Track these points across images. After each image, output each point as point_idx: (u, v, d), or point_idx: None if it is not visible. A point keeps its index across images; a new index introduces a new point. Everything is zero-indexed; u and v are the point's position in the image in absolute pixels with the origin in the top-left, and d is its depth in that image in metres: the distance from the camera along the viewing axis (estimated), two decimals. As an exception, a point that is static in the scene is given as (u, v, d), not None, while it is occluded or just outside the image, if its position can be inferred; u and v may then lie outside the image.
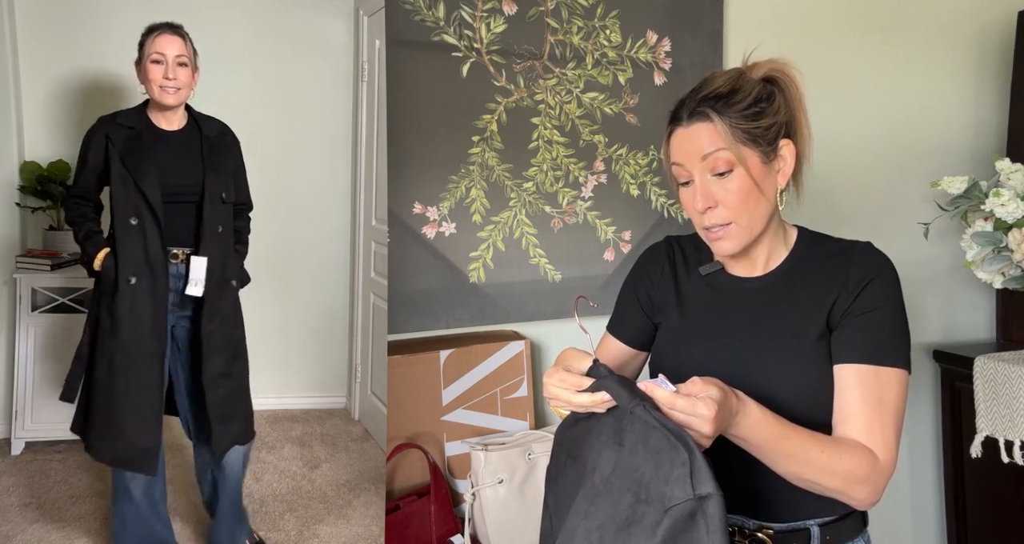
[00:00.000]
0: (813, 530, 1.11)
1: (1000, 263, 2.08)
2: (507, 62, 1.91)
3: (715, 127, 1.07)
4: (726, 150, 1.07)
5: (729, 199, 1.08)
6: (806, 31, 2.16)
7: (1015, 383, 1.90)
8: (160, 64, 1.98)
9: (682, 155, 1.10)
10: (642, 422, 0.89)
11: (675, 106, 1.13)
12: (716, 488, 0.82)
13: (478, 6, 1.88)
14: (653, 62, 2.05)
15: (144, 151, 2.05)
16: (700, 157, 1.08)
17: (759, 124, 1.09)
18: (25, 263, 3.17)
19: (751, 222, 1.10)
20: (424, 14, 1.83)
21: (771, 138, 1.10)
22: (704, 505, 0.83)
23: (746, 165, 1.08)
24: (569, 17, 1.96)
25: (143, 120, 2.10)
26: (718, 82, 1.10)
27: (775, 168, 1.12)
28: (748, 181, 1.08)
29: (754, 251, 1.16)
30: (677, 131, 1.11)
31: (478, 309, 1.94)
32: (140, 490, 2.16)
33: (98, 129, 2.09)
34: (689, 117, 1.10)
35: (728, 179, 1.08)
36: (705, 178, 1.09)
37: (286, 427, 3.49)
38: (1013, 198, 2.00)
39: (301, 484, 2.97)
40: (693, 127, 1.09)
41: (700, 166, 1.09)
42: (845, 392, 1.06)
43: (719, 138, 1.07)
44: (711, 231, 1.11)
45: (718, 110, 1.08)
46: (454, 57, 1.87)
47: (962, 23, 2.34)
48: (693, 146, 1.09)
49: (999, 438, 1.94)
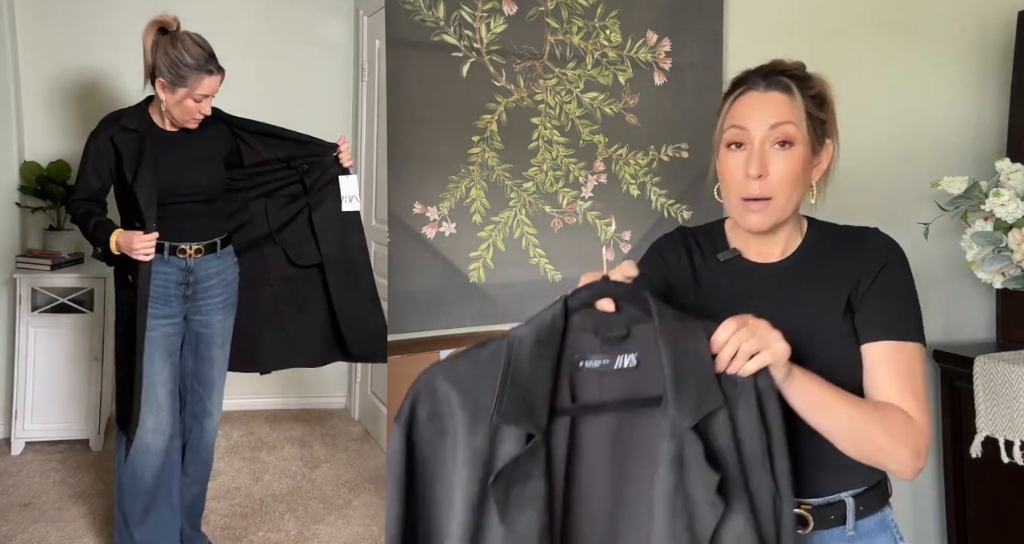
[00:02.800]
0: (848, 502, 1.13)
1: (1000, 263, 2.08)
2: (507, 62, 1.91)
3: (793, 100, 1.11)
4: (795, 125, 1.10)
5: (779, 172, 1.11)
6: (806, 31, 2.16)
7: (1015, 383, 1.90)
8: (200, 102, 2.05)
9: (749, 118, 1.12)
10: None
11: (743, 75, 1.15)
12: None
13: (478, 6, 1.88)
14: (653, 62, 2.05)
15: (146, 154, 2.06)
16: (770, 124, 1.10)
17: (820, 115, 1.14)
18: (25, 263, 3.17)
19: (787, 203, 1.13)
20: (424, 14, 1.83)
21: (822, 133, 1.15)
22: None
23: (804, 145, 1.11)
24: (569, 17, 1.96)
25: (146, 121, 2.11)
26: (794, 65, 1.15)
27: (816, 161, 1.16)
28: (801, 162, 1.11)
29: (776, 235, 1.18)
30: (749, 94, 1.13)
31: (478, 309, 1.94)
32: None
33: (100, 132, 2.10)
34: (768, 85, 1.12)
35: (787, 153, 1.11)
36: (765, 146, 1.11)
37: (286, 427, 3.50)
38: (1013, 198, 2.00)
39: (301, 484, 2.98)
40: (771, 94, 1.12)
41: (765, 133, 1.11)
42: (876, 367, 1.10)
43: (794, 111, 1.11)
44: (750, 202, 1.13)
45: (796, 85, 1.12)
46: (454, 57, 1.87)
47: (962, 23, 2.34)
48: (766, 111, 1.11)
49: (999, 438, 1.95)
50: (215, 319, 2.24)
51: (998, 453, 1.95)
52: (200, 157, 2.14)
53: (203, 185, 2.14)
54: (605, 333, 0.96)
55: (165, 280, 2.14)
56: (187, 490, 2.32)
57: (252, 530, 2.57)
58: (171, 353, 2.19)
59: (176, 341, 2.21)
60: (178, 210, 2.11)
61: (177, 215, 2.11)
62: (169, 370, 2.18)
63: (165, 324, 2.15)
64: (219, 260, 2.23)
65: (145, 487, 2.15)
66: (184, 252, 2.15)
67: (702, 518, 0.91)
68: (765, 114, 1.11)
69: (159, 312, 2.13)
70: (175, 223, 2.11)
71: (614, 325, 0.97)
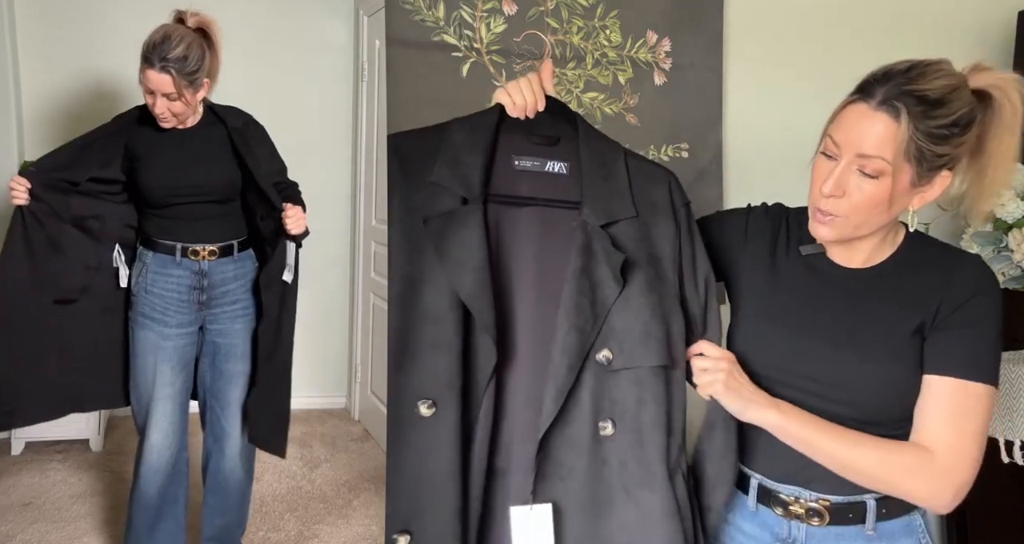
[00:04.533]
0: (869, 503, 1.11)
1: (1000, 263, 2.08)
2: (507, 62, 1.91)
3: (897, 130, 0.99)
4: (887, 161, 1.00)
5: (856, 198, 1.03)
6: (806, 31, 2.16)
7: (1015, 383, 1.90)
8: (152, 95, 1.94)
9: (845, 135, 1.03)
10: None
11: (870, 77, 1.03)
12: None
13: (478, 6, 1.88)
14: (653, 62, 2.05)
15: (148, 148, 2.02)
16: (858, 152, 1.02)
17: (937, 149, 1.01)
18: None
19: (861, 225, 1.07)
20: (424, 14, 1.83)
21: (936, 166, 1.03)
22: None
23: (895, 180, 1.02)
24: (569, 17, 1.96)
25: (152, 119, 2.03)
26: (934, 84, 1.00)
27: (919, 190, 1.06)
28: (886, 194, 1.02)
29: (856, 245, 1.13)
30: (858, 106, 1.02)
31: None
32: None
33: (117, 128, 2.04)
34: (880, 102, 1.00)
35: (869, 182, 1.02)
36: (849, 169, 1.03)
37: (286, 427, 3.50)
38: (1013, 198, 2.01)
39: (301, 484, 2.98)
40: (877, 115, 1.00)
41: (851, 157, 1.03)
42: (929, 402, 1.06)
43: (891, 144, 1.00)
44: (820, 213, 1.08)
45: (913, 115, 0.99)
46: (454, 57, 1.87)
47: (962, 23, 2.34)
48: (860, 135, 1.01)
49: (999, 438, 1.95)
50: (233, 328, 2.13)
51: (998, 453, 1.95)
52: (203, 156, 2.05)
53: (207, 184, 2.05)
54: (535, 135, 1.14)
55: (178, 284, 2.05)
56: (209, 521, 2.20)
57: (252, 530, 2.56)
58: (184, 365, 2.09)
59: (190, 352, 2.11)
60: (188, 210, 2.04)
61: (188, 215, 2.04)
62: (181, 383, 2.09)
63: (178, 333, 2.07)
64: (236, 263, 2.13)
65: (150, 501, 2.09)
66: (197, 254, 2.06)
67: (602, 296, 1.06)
68: (858, 138, 1.02)
69: (171, 320, 2.05)
70: (187, 223, 2.04)
71: (543, 129, 1.14)
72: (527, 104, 1.12)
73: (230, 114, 2.12)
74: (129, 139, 2.02)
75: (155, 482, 2.08)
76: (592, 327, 1.05)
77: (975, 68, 1.05)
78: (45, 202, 1.91)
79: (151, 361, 2.05)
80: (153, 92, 1.92)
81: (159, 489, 2.09)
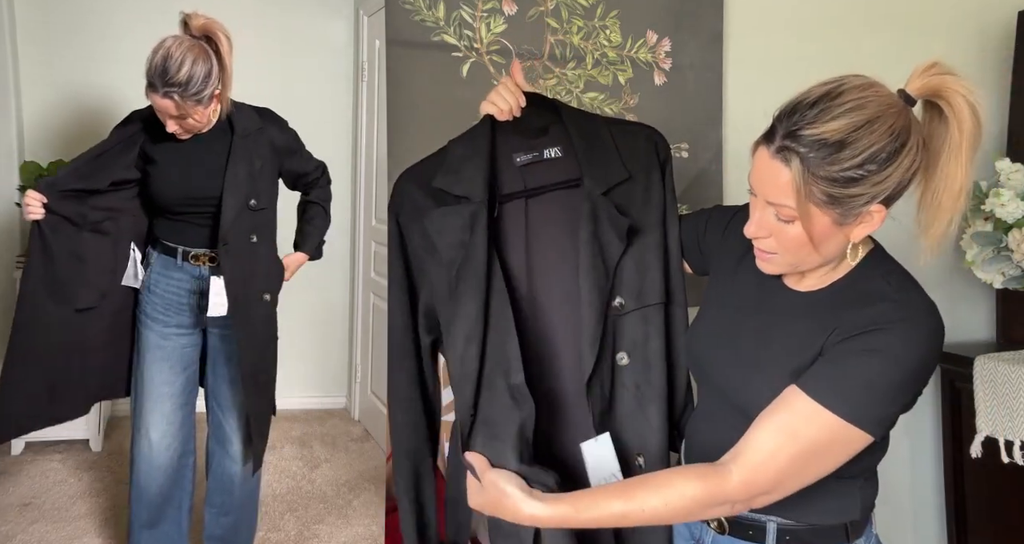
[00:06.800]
0: (769, 526, 1.09)
1: (1000, 263, 2.08)
2: (507, 62, 1.91)
3: (791, 179, 0.92)
4: (792, 209, 0.95)
5: (781, 239, 0.99)
6: (806, 31, 2.16)
7: (1015, 383, 1.90)
8: (162, 114, 1.93)
9: (755, 180, 0.99)
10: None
11: (779, 112, 0.97)
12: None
13: (478, 6, 1.88)
14: (653, 62, 2.05)
15: (162, 157, 2.01)
16: (767, 199, 0.97)
17: (850, 191, 0.92)
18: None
19: (797, 263, 1.03)
20: (424, 14, 1.83)
21: (860, 204, 0.95)
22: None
23: (809, 224, 0.95)
24: (569, 17, 1.96)
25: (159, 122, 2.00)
26: (833, 125, 0.91)
27: (849, 228, 0.98)
28: (804, 237, 0.96)
29: (804, 274, 1.09)
30: (761, 151, 0.97)
31: (478, 309, 1.94)
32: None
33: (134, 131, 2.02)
34: (778, 149, 0.94)
35: (786, 226, 0.98)
36: (767, 211, 0.99)
37: (286, 427, 3.49)
38: (1013, 198, 2.01)
39: (301, 484, 2.98)
40: (773, 162, 0.94)
41: (764, 204, 0.99)
42: (768, 408, 0.99)
43: (790, 193, 0.93)
44: (757, 250, 1.06)
45: (808, 162, 0.91)
46: (454, 57, 1.87)
47: (962, 23, 2.34)
48: (763, 182, 0.97)
49: (999, 438, 1.95)
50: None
51: (998, 453, 1.95)
52: (209, 165, 2.03)
53: (212, 195, 2.02)
54: (526, 130, 1.28)
55: (178, 287, 2.07)
56: (214, 521, 2.21)
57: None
58: (185, 366, 2.10)
59: (192, 354, 2.12)
60: (193, 216, 2.04)
61: (193, 221, 2.05)
62: (182, 383, 2.09)
63: (177, 334, 2.08)
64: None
65: (150, 501, 2.09)
66: (198, 259, 2.06)
67: (610, 254, 1.23)
68: (763, 185, 0.97)
69: (171, 321, 2.07)
70: (190, 228, 2.05)
71: (531, 122, 1.28)
72: (511, 106, 1.23)
73: (244, 120, 2.08)
74: (144, 141, 2.01)
75: (156, 479, 2.08)
76: (607, 282, 1.22)
77: (927, 70, 0.97)
78: (62, 214, 1.90)
79: (150, 359, 2.06)
80: (160, 112, 1.92)
81: (160, 488, 2.09)
